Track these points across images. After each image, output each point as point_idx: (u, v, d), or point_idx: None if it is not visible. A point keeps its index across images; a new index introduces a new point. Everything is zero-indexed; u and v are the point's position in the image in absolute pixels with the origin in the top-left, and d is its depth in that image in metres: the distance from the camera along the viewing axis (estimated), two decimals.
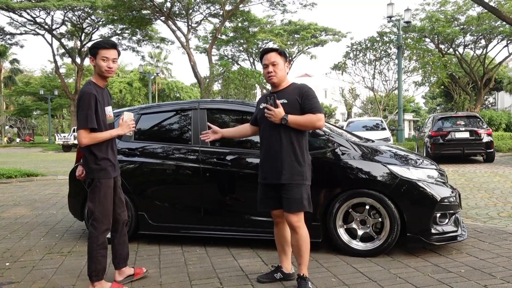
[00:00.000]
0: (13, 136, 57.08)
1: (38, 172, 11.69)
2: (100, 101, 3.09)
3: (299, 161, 3.13)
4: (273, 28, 35.70)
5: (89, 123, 3.01)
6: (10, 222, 5.89)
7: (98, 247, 3.12)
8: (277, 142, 3.15)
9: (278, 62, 3.20)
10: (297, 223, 3.11)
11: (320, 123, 3.13)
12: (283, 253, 3.39)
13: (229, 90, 22.37)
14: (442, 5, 27.32)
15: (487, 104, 44.48)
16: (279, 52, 3.26)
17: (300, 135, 3.17)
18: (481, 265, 3.61)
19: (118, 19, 30.48)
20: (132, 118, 3.24)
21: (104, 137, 3.09)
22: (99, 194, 3.12)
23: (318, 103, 3.17)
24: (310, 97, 3.15)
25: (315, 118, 3.10)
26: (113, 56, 3.11)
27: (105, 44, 3.12)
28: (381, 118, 18.56)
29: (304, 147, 3.19)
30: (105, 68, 3.09)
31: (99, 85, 3.17)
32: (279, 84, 3.24)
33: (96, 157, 3.11)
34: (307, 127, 3.16)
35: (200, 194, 4.36)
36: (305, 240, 3.14)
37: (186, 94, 50.15)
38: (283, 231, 3.35)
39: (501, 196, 7.14)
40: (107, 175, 3.14)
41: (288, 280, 3.37)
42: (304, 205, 3.12)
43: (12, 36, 37.74)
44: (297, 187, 3.11)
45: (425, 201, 3.85)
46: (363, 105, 29.61)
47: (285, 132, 3.13)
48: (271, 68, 3.20)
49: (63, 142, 29.02)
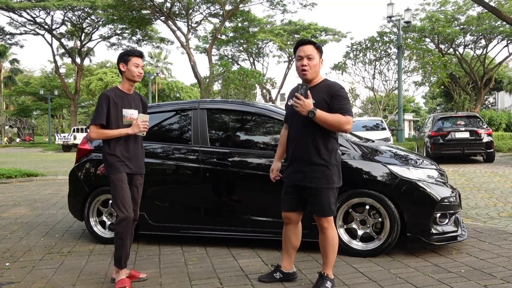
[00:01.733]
0: (13, 136, 57.05)
1: (38, 172, 11.69)
2: (116, 103, 3.34)
3: (328, 164, 3.00)
4: (273, 28, 35.71)
5: (97, 120, 3.30)
6: (10, 222, 5.89)
7: (116, 236, 3.34)
8: (304, 142, 3.02)
9: (314, 56, 3.02)
10: (325, 224, 3.08)
11: (348, 127, 2.94)
12: (286, 253, 3.36)
13: (229, 90, 22.37)
14: (442, 5, 27.34)
15: (487, 104, 44.49)
16: (317, 46, 3.07)
17: (329, 136, 3.02)
18: (481, 265, 3.60)
19: (118, 19, 30.49)
20: (146, 120, 3.39)
21: (111, 134, 3.32)
22: (112, 188, 3.34)
23: (349, 105, 3.00)
24: (341, 97, 2.97)
25: (345, 120, 2.91)
26: (141, 64, 3.46)
27: (136, 52, 3.45)
28: (381, 118, 18.56)
29: (331, 148, 3.03)
30: (137, 74, 3.40)
31: (123, 90, 3.44)
32: (310, 80, 3.07)
33: (106, 153, 3.36)
34: (334, 127, 2.94)
35: (200, 194, 4.36)
36: (331, 242, 3.09)
37: (186, 94, 50.15)
38: (289, 232, 3.30)
39: (501, 196, 7.14)
40: (114, 170, 3.33)
41: (288, 279, 3.35)
42: (332, 210, 3.05)
43: (12, 36, 37.78)
44: (324, 191, 3.02)
45: (425, 201, 3.85)
46: (363, 105, 29.65)
47: (313, 131, 2.98)
48: (305, 61, 3.01)
49: (63, 142, 29.02)
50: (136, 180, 3.47)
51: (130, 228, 3.36)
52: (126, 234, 3.32)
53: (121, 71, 3.42)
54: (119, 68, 3.41)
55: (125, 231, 3.32)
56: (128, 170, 3.37)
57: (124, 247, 3.33)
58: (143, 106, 3.58)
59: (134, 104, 3.47)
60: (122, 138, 3.35)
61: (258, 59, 39.71)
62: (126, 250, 3.36)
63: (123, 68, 3.39)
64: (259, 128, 4.59)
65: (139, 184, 3.49)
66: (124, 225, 3.30)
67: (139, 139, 3.49)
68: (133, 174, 3.42)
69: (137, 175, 3.47)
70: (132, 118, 3.40)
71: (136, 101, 3.50)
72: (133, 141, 3.42)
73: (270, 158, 4.14)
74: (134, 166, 3.42)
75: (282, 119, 4.23)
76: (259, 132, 4.57)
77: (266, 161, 4.16)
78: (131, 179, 3.42)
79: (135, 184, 3.46)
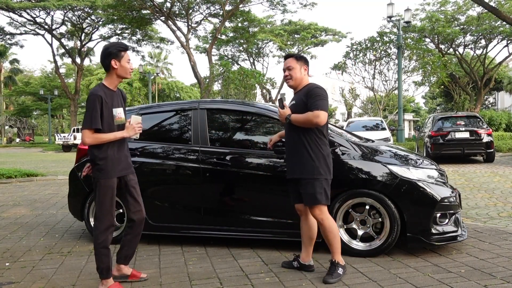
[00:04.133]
0: (13, 136, 57.04)
1: (38, 172, 11.69)
2: (107, 103, 3.14)
3: (312, 157, 3.33)
4: (273, 28, 35.70)
5: (93, 124, 3.08)
6: (10, 222, 5.89)
7: (98, 246, 3.18)
8: (292, 140, 3.44)
9: (293, 66, 3.47)
10: (320, 216, 3.36)
11: (317, 120, 3.26)
12: (303, 244, 3.62)
13: (229, 90, 22.38)
14: (442, 5, 27.33)
15: (487, 104, 44.48)
16: (296, 57, 3.52)
17: (310, 133, 3.36)
18: (481, 265, 3.60)
19: (118, 19, 30.49)
20: (140, 121, 3.28)
21: (107, 138, 3.14)
22: (98, 193, 3.18)
23: (320, 101, 3.31)
24: (313, 96, 3.33)
25: (312, 115, 3.27)
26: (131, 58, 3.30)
27: (126, 47, 3.27)
28: (381, 118, 18.56)
29: (316, 143, 3.35)
30: (130, 70, 3.25)
31: (110, 87, 3.24)
32: (296, 87, 3.52)
33: (96, 157, 3.17)
34: (306, 124, 3.32)
35: (200, 194, 4.36)
36: (330, 231, 3.36)
37: (186, 94, 50.15)
38: (303, 224, 3.59)
39: (501, 196, 7.14)
40: (106, 175, 3.16)
41: (305, 270, 3.56)
42: (318, 198, 3.31)
43: (12, 36, 37.76)
44: (310, 181, 3.32)
45: (425, 201, 3.85)
46: (363, 105, 29.64)
47: (296, 130, 3.39)
48: (287, 72, 3.51)
49: (63, 142, 29.04)
50: (130, 180, 3.34)
51: (112, 235, 3.26)
52: (109, 241, 3.22)
53: (109, 67, 3.17)
54: (108, 64, 3.16)
55: (109, 238, 3.21)
56: (120, 173, 3.24)
57: (109, 255, 3.23)
58: (124, 101, 3.39)
59: (120, 101, 3.30)
60: (114, 141, 3.18)
61: (258, 59, 39.73)
62: (111, 257, 3.25)
63: (115, 65, 3.16)
64: (259, 128, 4.59)
65: (134, 183, 3.36)
66: (108, 233, 3.21)
67: (126, 139, 3.31)
68: (125, 175, 3.30)
69: (129, 175, 3.34)
70: (120, 117, 3.24)
71: (120, 98, 3.33)
72: (122, 141, 3.27)
73: (270, 158, 4.14)
74: (125, 167, 3.29)
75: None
76: (259, 132, 4.57)
77: (266, 161, 4.16)
78: (125, 181, 3.30)
79: (131, 184, 3.34)
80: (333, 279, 3.29)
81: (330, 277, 3.30)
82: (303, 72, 3.50)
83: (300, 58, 3.53)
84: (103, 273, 3.21)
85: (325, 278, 3.30)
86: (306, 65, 3.52)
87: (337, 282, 3.29)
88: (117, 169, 3.22)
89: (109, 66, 3.18)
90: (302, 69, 3.49)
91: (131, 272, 3.47)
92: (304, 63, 3.51)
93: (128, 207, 3.39)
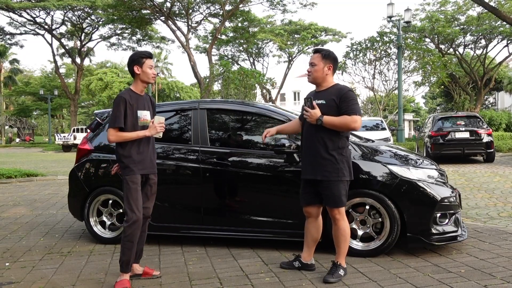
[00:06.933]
0: (13, 136, 57.04)
1: (38, 172, 11.69)
2: (132, 105, 3.36)
3: (336, 159, 3.29)
4: (273, 28, 35.68)
5: (116, 123, 3.30)
6: (10, 222, 5.89)
7: (125, 238, 3.32)
8: (313, 140, 3.35)
9: (317, 63, 3.38)
10: (337, 216, 3.36)
11: (355, 125, 3.24)
12: (306, 245, 3.60)
13: (229, 90, 22.36)
14: (442, 5, 27.33)
15: (487, 104, 44.48)
16: (323, 54, 3.40)
17: (335, 135, 3.31)
18: (481, 265, 3.60)
19: (118, 19, 30.48)
20: (162, 121, 3.42)
21: (130, 136, 3.34)
22: (125, 189, 3.36)
23: (356, 105, 3.29)
24: (348, 99, 3.28)
25: (350, 119, 3.23)
26: (153, 64, 3.49)
27: (149, 54, 3.45)
28: (381, 118, 18.55)
29: (339, 145, 3.32)
30: (152, 75, 3.42)
31: (136, 91, 3.45)
32: (315, 84, 3.45)
33: (121, 156, 3.38)
34: (342, 128, 3.27)
35: (200, 194, 4.36)
36: (342, 233, 3.37)
37: (186, 94, 50.11)
38: (309, 225, 3.56)
39: (501, 196, 7.14)
40: (129, 172, 3.34)
41: (306, 269, 3.56)
42: (342, 200, 3.34)
43: (12, 36, 37.77)
44: (334, 184, 3.30)
45: (425, 201, 3.85)
46: (363, 105, 29.62)
47: (321, 132, 3.30)
48: (309, 68, 3.42)
49: (63, 142, 29.01)
50: (150, 179, 3.50)
51: (139, 229, 3.37)
52: (136, 236, 3.33)
53: (134, 73, 3.41)
54: (132, 70, 3.40)
55: (136, 233, 3.33)
56: (142, 171, 3.40)
57: (132, 249, 3.34)
58: (153, 106, 3.61)
59: (147, 105, 3.50)
60: (136, 140, 3.37)
61: (258, 59, 39.72)
62: (134, 252, 3.37)
63: (137, 71, 3.39)
64: (259, 128, 4.59)
65: (153, 183, 3.53)
66: (135, 227, 3.31)
67: (152, 140, 3.51)
68: (147, 174, 3.46)
69: (151, 175, 3.50)
70: (145, 119, 3.43)
71: (148, 102, 3.53)
72: (146, 142, 3.45)
73: (270, 158, 4.14)
74: (148, 166, 3.45)
75: (282, 119, 4.25)
76: (259, 132, 4.57)
77: (266, 161, 4.16)
78: (146, 179, 3.46)
79: (149, 183, 3.50)
80: (333, 278, 3.30)
81: (330, 277, 3.31)
82: (326, 71, 3.38)
83: (327, 56, 3.39)
84: (123, 266, 3.33)
85: (326, 278, 3.31)
86: (332, 64, 3.40)
87: (337, 282, 3.29)
88: (141, 167, 3.38)
89: (133, 71, 3.41)
90: (326, 67, 3.37)
91: (143, 270, 3.53)
92: (331, 62, 3.39)
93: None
